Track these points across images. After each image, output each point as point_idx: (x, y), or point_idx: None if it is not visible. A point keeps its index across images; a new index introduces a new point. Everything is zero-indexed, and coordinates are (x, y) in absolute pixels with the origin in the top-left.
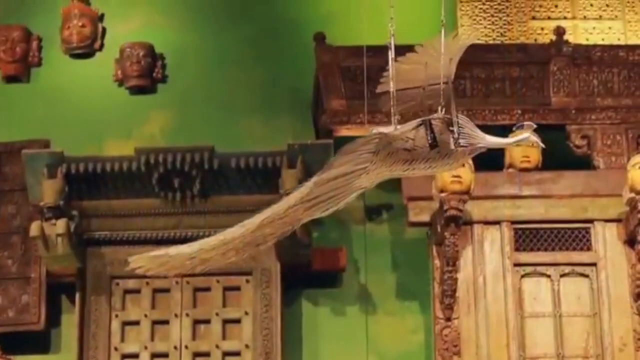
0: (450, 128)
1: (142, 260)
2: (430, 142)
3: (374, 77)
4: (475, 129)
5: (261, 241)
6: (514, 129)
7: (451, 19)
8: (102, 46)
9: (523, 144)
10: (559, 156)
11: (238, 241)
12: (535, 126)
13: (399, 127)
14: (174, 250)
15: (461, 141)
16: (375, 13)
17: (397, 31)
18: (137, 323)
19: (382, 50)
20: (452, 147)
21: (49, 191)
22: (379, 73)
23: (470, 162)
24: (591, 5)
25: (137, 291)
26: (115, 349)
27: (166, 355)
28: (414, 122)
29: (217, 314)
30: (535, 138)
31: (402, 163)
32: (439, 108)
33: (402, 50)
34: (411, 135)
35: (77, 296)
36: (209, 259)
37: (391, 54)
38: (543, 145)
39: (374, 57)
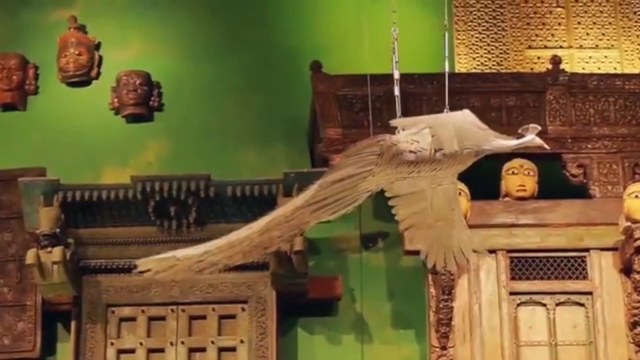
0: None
1: (149, 263)
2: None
3: (371, 105)
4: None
5: (268, 244)
6: (519, 130)
7: (448, 49)
8: (98, 74)
9: (519, 173)
10: (555, 185)
11: (246, 244)
12: (540, 128)
13: (403, 131)
14: (181, 253)
15: (466, 143)
16: (373, 43)
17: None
18: (132, 351)
19: (379, 79)
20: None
21: (45, 219)
22: (376, 101)
23: (467, 190)
24: (587, 34)
25: (133, 319)
26: None
27: None
28: (420, 125)
29: (212, 342)
30: (540, 140)
31: (407, 165)
32: (445, 110)
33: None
34: (416, 138)
35: (73, 324)
36: (217, 262)
37: (395, 59)
38: (548, 147)
39: (372, 85)
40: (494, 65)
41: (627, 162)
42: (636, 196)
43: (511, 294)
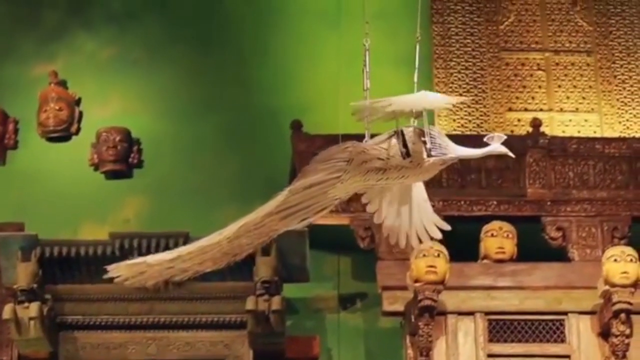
0: (423, 139)
1: (120, 269)
2: (402, 151)
3: None
4: (447, 141)
5: (238, 251)
6: (484, 139)
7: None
8: (78, 130)
9: (498, 235)
10: (534, 248)
11: (216, 250)
12: (505, 137)
13: (371, 139)
14: (152, 258)
15: (433, 152)
16: (352, 102)
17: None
18: None
19: (358, 139)
20: (425, 157)
21: (22, 274)
22: None
23: (445, 252)
24: (567, 97)
25: None
26: None
27: None
28: (387, 133)
29: None
30: (505, 149)
31: (375, 172)
32: (412, 120)
33: None
34: (384, 145)
35: None
36: (187, 269)
37: (365, 69)
38: (513, 155)
39: None
40: (474, 127)
41: (606, 225)
42: (615, 260)
43: (489, 356)
